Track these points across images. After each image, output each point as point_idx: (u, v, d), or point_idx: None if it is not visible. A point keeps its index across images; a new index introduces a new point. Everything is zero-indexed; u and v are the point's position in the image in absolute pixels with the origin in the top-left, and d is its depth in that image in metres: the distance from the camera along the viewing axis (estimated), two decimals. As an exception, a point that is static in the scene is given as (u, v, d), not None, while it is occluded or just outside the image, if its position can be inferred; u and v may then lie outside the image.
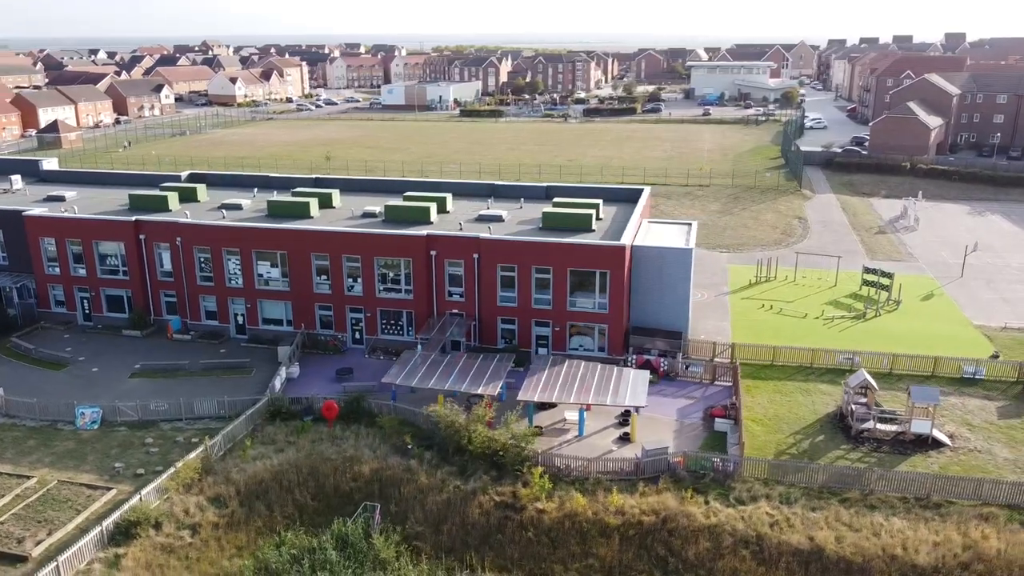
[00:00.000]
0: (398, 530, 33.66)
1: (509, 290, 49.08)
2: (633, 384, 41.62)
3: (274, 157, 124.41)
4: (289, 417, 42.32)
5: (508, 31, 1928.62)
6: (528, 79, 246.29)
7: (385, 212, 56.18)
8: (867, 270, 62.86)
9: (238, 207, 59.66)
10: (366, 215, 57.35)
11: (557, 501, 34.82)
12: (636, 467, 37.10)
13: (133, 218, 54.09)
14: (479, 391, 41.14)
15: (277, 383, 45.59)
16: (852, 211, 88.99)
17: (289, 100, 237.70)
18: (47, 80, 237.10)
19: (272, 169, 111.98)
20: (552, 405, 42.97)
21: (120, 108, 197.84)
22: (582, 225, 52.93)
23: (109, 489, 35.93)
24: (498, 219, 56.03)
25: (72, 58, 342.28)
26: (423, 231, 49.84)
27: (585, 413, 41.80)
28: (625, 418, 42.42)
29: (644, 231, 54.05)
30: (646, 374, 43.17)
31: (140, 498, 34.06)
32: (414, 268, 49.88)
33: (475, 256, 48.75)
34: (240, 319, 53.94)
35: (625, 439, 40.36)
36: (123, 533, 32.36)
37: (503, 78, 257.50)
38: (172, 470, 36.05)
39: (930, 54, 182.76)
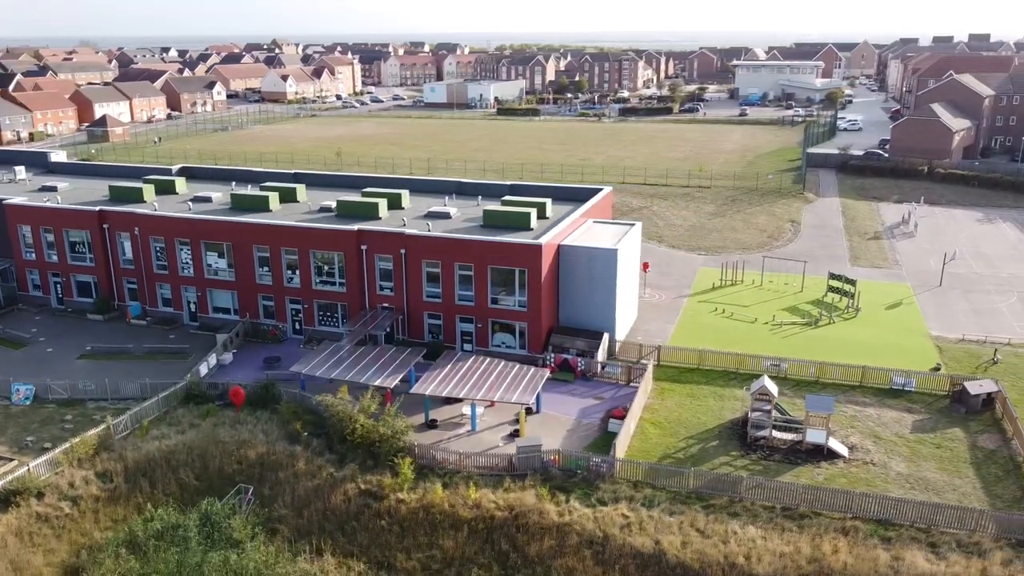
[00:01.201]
0: (262, 512, 35.00)
1: (434, 286, 49.88)
2: (528, 382, 41.88)
3: (293, 152, 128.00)
4: (203, 401, 44.18)
5: (578, 30, 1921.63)
6: (576, 78, 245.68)
7: (337, 207, 57.77)
8: (832, 276, 61.12)
9: (208, 199, 62.17)
10: (323, 209, 58.99)
11: (419, 492, 35.51)
12: (510, 463, 37.44)
13: (97, 208, 57.16)
14: (376, 383, 42.11)
15: (203, 368, 47.59)
16: (852, 216, 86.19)
17: (338, 97, 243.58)
18: (114, 77, 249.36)
19: (288, 163, 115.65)
20: (458, 400, 43.57)
21: (174, 104, 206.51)
22: (520, 224, 53.24)
23: (11, 460, 38.42)
24: (445, 216, 56.81)
25: (144, 56, 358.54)
26: (354, 226, 51.09)
27: (479, 409, 42.38)
28: (527, 413, 42.75)
29: (583, 231, 53.93)
30: (544, 373, 43.36)
31: (29, 469, 36.34)
32: (346, 262, 51.20)
33: (402, 252, 49.73)
34: (192, 307, 56.36)
35: (515, 435, 40.69)
36: (3, 501, 34.63)
37: (551, 76, 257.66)
38: (67, 445, 38.28)
39: (980, 53, 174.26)
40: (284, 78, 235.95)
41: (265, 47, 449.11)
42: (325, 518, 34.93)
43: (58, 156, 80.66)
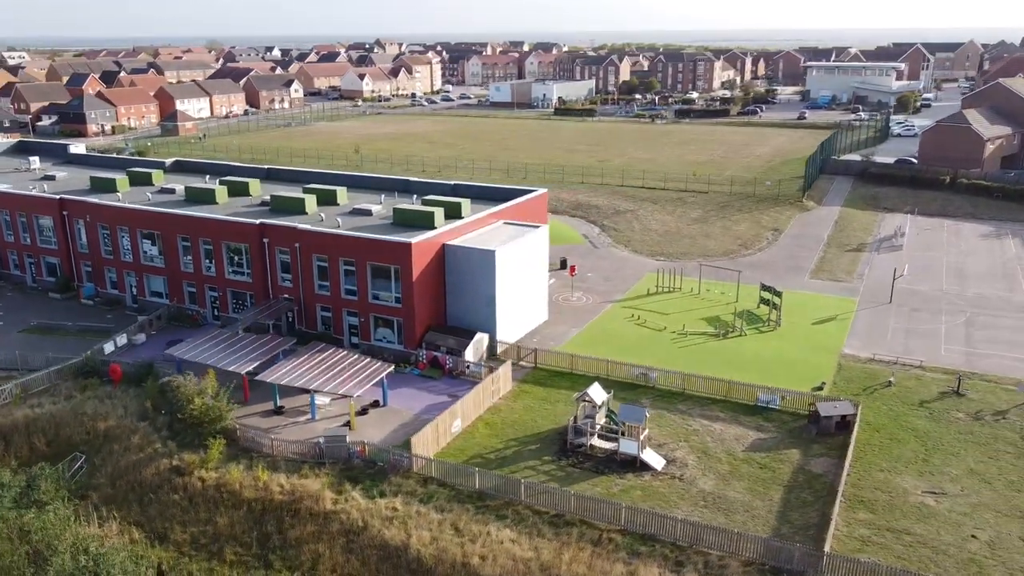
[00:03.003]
0: (85, 480, 38.07)
1: (325, 279, 51.89)
2: (367, 376, 43.23)
3: (323, 149, 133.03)
4: (95, 375, 48.01)
5: (692, 28, 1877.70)
6: (648, 78, 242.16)
7: (271, 202, 60.86)
8: (763, 288, 58.92)
9: (172, 191, 66.70)
10: (262, 204, 62.22)
11: (220, 472, 37.60)
12: (318, 451, 38.94)
13: (58, 197, 62.55)
14: (232, 368, 44.55)
15: (108, 347, 51.55)
16: (845, 226, 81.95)
17: (413, 96, 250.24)
18: (211, 74, 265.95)
19: (313, 159, 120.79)
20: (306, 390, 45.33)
21: (253, 100, 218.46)
22: (425, 223, 54.31)
23: (-100, 417, 43.32)
24: (367, 213, 58.73)
25: (249, 55, 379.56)
26: (256, 220, 53.80)
27: (324, 399, 44.05)
28: (373, 405, 44.17)
29: (483, 232, 54.44)
30: (388, 368, 44.55)
31: (-99, 426, 40.97)
32: (251, 253, 54.00)
33: (296, 246, 52.01)
34: (133, 290, 60.78)
35: (346, 426, 42.11)
36: None
37: (625, 76, 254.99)
38: (-60, 408, 42.82)
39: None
40: (361, 77, 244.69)
41: (366, 46, 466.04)
42: (132, 489, 37.61)
43: (77, 148, 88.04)
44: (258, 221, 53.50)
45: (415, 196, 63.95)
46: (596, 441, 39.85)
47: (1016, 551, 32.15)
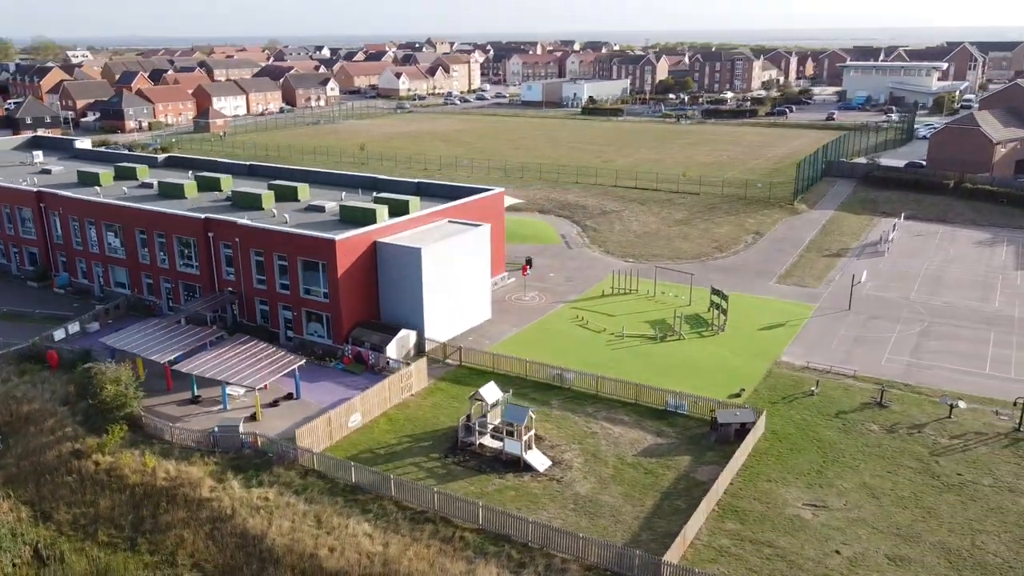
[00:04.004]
0: (-5, 460, 39.93)
1: (262, 274, 53.03)
2: (275, 368, 44.10)
3: (331, 146, 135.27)
4: (38, 361, 50.12)
5: (759, 27, 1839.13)
6: (684, 78, 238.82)
7: (232, 197, 62.54)
8: (714, 291, 57.80)
9: (150, 186, 69.12)
10: (227, 199, 63.91)
11: (115, 457, 38.92)
12: (214, 440, 39.93)
13: (35, 190, 65.37)
14: (154, 358, 45.98)
15: (58, 333, 53.72)
16: (831, 231, 79.59)
17: (449, 94, 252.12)
18: (254, 73, 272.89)
19: (324, 155, 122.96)
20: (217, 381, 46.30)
21: (290, 98, 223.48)
22: (367, 219, 55.14)
23: None
24: (320, 209, 59.89)
25: (299, 54, 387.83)
26: (202, 215, 55.28)
27: (239, 390, 45.10)
28: (286, 397, 45.09)
29: (423, 229, 54.79)
30: (299, 361, 45.30)
31: None
32: (198, 247, 55.54)
33: (237, 240, 53.29)
34: (101, 280, 63.11)
35: (252, 417, 43.07)
36: None
37: (663, 75, 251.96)
38: None
39: None
40: (398, 76, 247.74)
41: (415, 45, 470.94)
42: (33, 470, 39.21)
43: (83, 143, 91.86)
44: (203, 216, 55.01)
45: (373, 192, 64.81)
46: (486, 440, 39.87)
47: (875, 569, 30.99)
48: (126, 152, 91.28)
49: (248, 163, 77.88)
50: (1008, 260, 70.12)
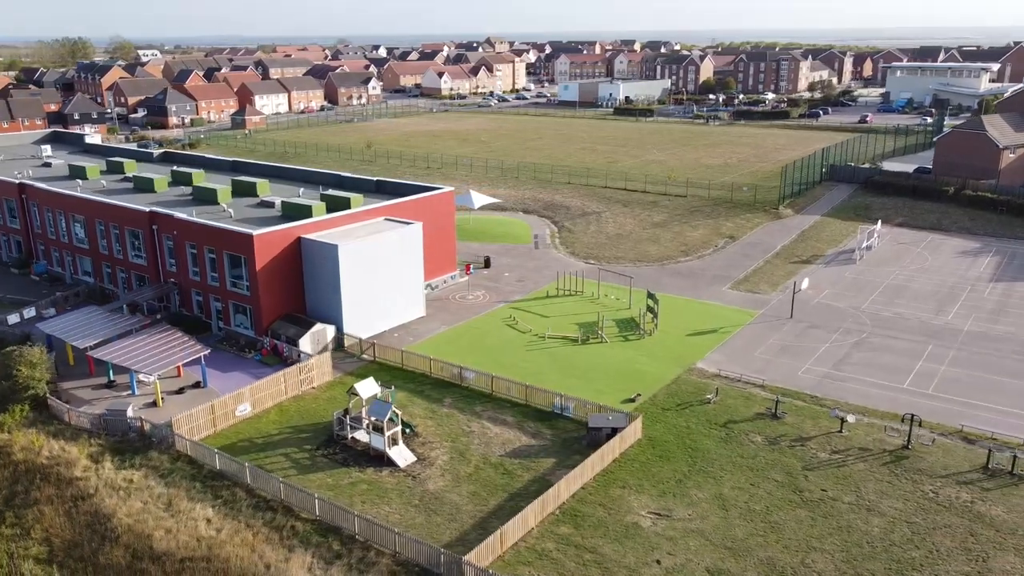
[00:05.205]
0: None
1: (196, 266, 54.96)
2: (177, 357, 45.81)
3: (345, 144, 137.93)
4: (-15, 343, 53.26)
5: (832, 26, 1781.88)
6: (726, 78, 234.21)
7: (193, 192, 65.03)
8: (649, 295, 57.08)
9: (130, 180, 72.36)
10: (190, 193, 66.42)
11: (10, 435, 41.13)
12: (104, 424, 41.79)
13: (17, 182, 69.17)
14: (75, 343, 48.31)
15: (12, 318, 56.87)
16: (810, 237, 77.22)
17: (491, 93, 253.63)
18: (304, 72, 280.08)
19: (335, 152, 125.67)
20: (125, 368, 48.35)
21: (332, 97, 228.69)
22: (303, 215, 56.64)
23: None
24: (270, 205, 61.69)
25: (355, 53, 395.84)
26: (146, 207, 57.62)
27: (150, 377, 46.98)
28: (194, 386, 46.79)
29: (353, 226, 55.77)
30: (204, 351, 46.86)
31: None
32: (144, 239, 57.93)
33: (175, 233, 55.38)
34: (71, 269, 66.41)
35: (152, 405, 44.86)
36: None
37: (707, 76, 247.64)
38: None
39: None
40: (440, 75, 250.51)
41: (473, 45, 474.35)
42: (-64, 445, 41.86)
43: (93, 139, 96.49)
44: (148, 209, 57.37)
45: (330, 189, 66.27)
46: (359, 435, 40.58)
47: (688, 581, 30.43)
48: (130, 148, 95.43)
49: (231, 159, 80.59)
50: (986, 271, 66.83)
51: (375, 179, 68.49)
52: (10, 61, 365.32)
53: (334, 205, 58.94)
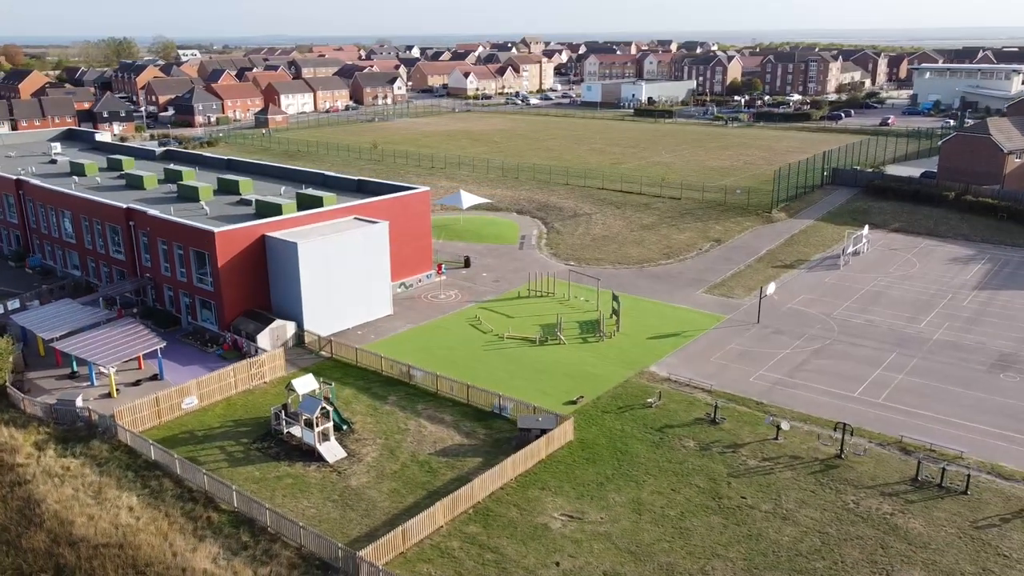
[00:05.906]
0: None
1: (167, 261, 56.37)
2: (131, 350, 47.11)
3: (357, 144, 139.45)
4: (-33, 333, 55.35)
5: (878, 27, 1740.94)
6: (753, 79, 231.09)
7: (177, 189, 66.71)
8: (614, 297, 56.90)
9: (123, 176, 74.49)
10: (175, 191, 68.13)
11: (-34, 422, 42.83)
12: (55, 413, 43.20)
13: (14, 178, 71.63)
14: (42, 334, 49.98)
15: (-4, 309, 59.10)
16: (799, 241, 76.02)
17: (516, 94, 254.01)
18: (334, 72, 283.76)
19: (346, 151, 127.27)
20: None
21: (358, 96, 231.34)
22: (273, 213, 57.78)
23: None
24: (248, 203, 63.01)
25: (389, 53, 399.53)
26: (123, 204, 59.25)
27: (105, 368, 48.41)
28: (151, 378, 48.07)
29: (320, 224, 56.63)
30: (159, 344, 48.06)
31: None
32: (122, 234, 59.59)
33: (148, 229, 56.88)
34: (61, 262, 68.59)
35: (107, 396, 46.21)
36: None
37: (734, 76, 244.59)
38: None
39: None
40: (466, 75, 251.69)
41: (508, 45, 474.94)
42: (-100, 429, 43.70)
43: (103, 136, 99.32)
44: (125, 205, 59.00)
45: (309, 187, 67.37)
46: (295, 430, 41.30)
47: (581, 583, 30.42)
48: (133, 146, 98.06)
49: (227, 158, 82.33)
50: (972, 279, 65.11)
51: (356, 179, 69.45)
52: (57, 61, 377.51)
53: (307, 203, 59.93)
